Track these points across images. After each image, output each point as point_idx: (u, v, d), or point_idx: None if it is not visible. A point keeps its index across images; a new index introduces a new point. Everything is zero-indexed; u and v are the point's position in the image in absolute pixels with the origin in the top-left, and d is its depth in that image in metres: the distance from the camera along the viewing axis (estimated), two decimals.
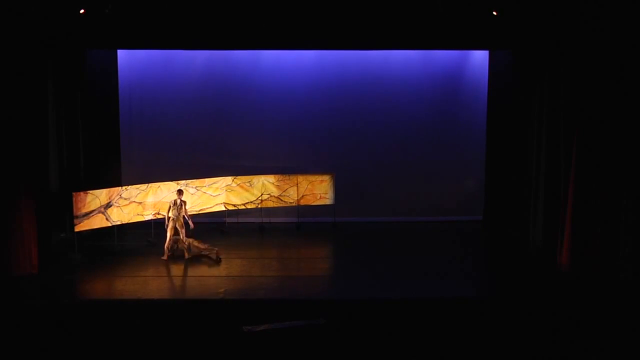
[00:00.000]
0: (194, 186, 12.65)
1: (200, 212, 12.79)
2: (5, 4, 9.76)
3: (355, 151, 14.14)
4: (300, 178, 13.53)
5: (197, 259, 11.24)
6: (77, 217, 11.10)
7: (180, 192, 11.42)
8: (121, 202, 11.75)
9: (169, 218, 11.23)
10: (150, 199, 12.14)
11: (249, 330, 7.69)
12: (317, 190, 13.62)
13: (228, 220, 13.26)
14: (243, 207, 13.28)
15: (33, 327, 8.34)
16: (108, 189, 11.64)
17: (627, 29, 9.54)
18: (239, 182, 13.18)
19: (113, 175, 13.20)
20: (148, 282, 10.00)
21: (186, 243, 11.30)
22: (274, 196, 13.46)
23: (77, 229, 11.15)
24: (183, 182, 12.48)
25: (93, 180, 12.52)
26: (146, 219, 12.22)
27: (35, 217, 10.30)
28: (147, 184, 12.15)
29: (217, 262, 11.02)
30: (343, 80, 13.93)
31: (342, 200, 13.78)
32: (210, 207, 12.93)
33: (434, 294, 9.49)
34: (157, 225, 12.40)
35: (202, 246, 11.37)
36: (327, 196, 13.64)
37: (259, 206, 13.41)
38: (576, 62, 10.13)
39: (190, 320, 8.61)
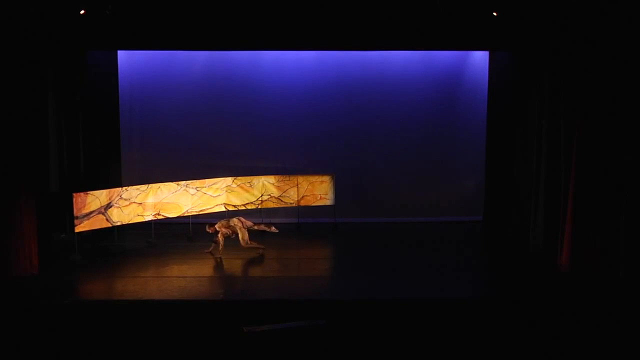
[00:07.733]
0: (194, 187, 12.65)
1: (201, 212, 12.80)
2: (5, 4, 9.77)
3: (356, 152, 14.13)
4: (301, 179, 13.53)
5: (198, 259, 11.25)
6: (77, 217, 11.10)
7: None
8: (121, 202, 11.75)
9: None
10: (150, 200, 12.14)
11: (249, 331, 7.69)
12: (318, 190, 13.61)
13: None
14: (243, 207, 13.28)
15: (33, 327, 8.34)
16: (108, 190, 11.65)
17: (627, 28, 9.55)
18: (239, 183, 13.18)
19: (113, 176, 13.20)
20: (148, 283, 10.00)
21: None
22: (274, 197, 13.46)
23: (77, 229, 11.15)
24: (183, 182, 12.50)
25: (93, 181, 12.52)
26: (146, 220, 12.22)
27: (36, 218, 10.30)
28: (147, 185, 12.16)
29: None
30: (343, 80, 13.91)
31: (343, 200, 13.78)
32: (211, 208, 12.93)
33: (434, 294, 9.49)
34: (157, 226, 12.42)
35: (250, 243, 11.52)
36: (327, 197, 13.64)
37: (259, 207, 13.41)
38: (576, 63, 10.13)
39: (190, 320, 8.61)
